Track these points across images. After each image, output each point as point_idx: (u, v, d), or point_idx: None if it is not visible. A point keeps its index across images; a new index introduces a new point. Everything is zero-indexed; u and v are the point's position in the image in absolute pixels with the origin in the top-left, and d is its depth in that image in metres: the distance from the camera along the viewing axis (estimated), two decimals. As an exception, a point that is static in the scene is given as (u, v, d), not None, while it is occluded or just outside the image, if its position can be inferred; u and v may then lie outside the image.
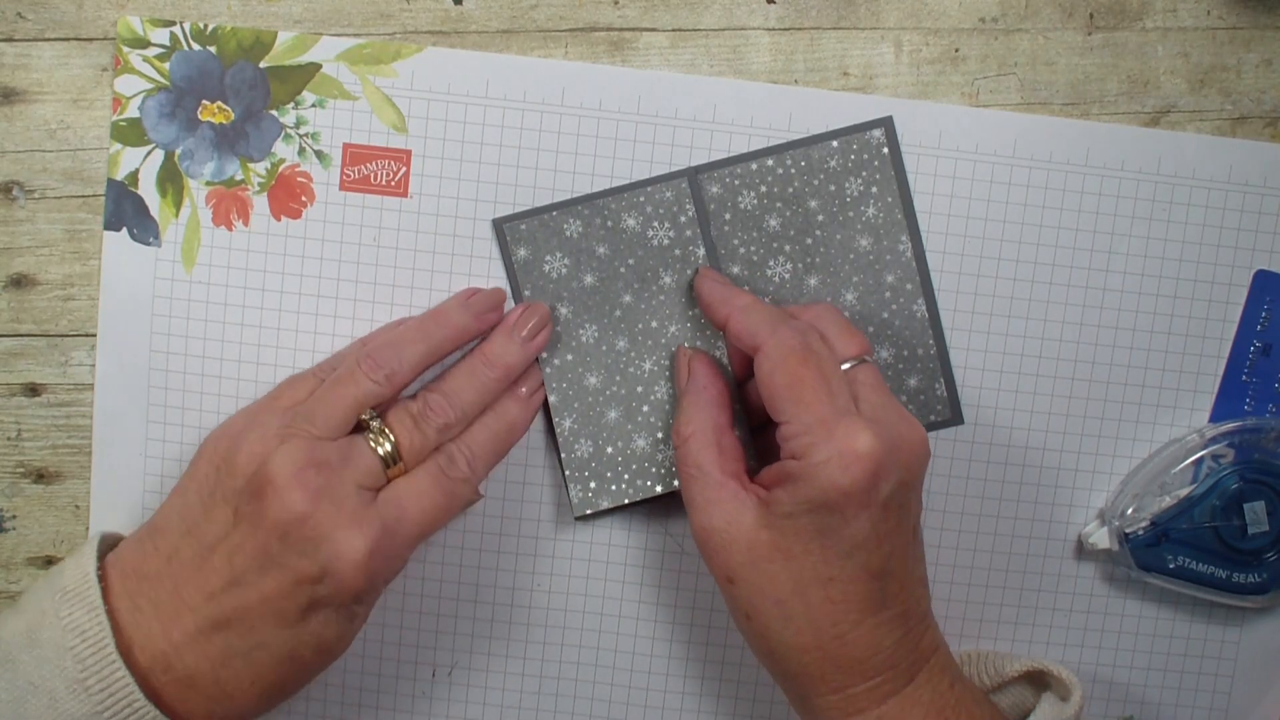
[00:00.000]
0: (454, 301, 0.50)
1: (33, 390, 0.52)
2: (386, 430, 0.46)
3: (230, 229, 0.51)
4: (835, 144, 0.51)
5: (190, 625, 0.44)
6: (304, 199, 0.51)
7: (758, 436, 0.51)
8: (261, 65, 0.50)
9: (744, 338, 0.47)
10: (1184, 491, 0.51)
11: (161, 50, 0.50)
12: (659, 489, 0.52)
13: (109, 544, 0.48)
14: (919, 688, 0.45)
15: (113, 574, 0.46)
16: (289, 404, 0.47)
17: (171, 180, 0.51)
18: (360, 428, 0.47)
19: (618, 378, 0.52)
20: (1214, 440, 0.51)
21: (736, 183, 0.51)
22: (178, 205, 0.51)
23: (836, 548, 0.44)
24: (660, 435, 0.52)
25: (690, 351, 0.51)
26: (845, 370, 0.46)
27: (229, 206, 0.51)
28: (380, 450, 0.46)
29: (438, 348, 0.48)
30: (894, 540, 0.44)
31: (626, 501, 0.52)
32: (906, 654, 0.45)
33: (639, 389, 0.52)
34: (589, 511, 0.52)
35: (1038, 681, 0.52)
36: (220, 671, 0.45)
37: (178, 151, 0.51)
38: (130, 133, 0.51)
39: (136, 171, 0.51)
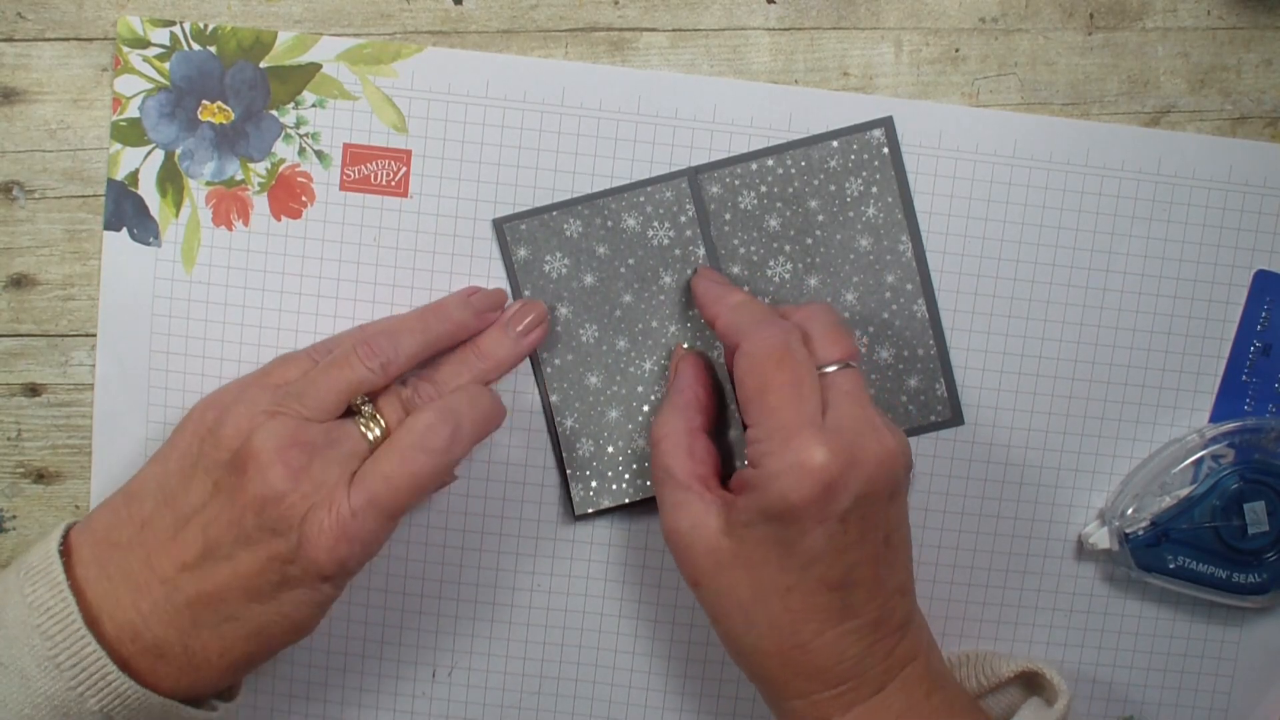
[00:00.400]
0: (455, 298, 0.50)
1: (33, 390, 0.52)
2: (378, 415, 0.46)
3: (230, 229, 0.51)
4: (835, 144, 0.51)
5: (160, 596, 0.44)
6: (304, 199, 0.51)
7: None
8: (261, 65, 0.50)
9: (728, 336, 0.47)
10: (1184, 491, 0.51)
11: (161, 50, 0.50)
12: (659, 489, 0.52)
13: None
14: (890, 696, 0.45)
15: (81, 542, 0.46)
16: (280, 381, 0.47)
17: (171, 180, 0.51)
18: (350, 412, 0.47)
19: (618, 377, 0.52)
20: (1214, 440, 0.51)
21: (736, 183, 0.51)
22: (178, 205, 0.51)
23: (793, 559, 0.44)
24: (660, 435, 0.52)
25: (682, 352, 0.51)
26: (824, 375, 0.45)
27: (229, 206, 0.51)
28: (370, 435, 0.46)
29: (435, 341, 0.48)
30: (856, 552, 0.44)
31: (627, 501, 0.52)
32: (876, 663, 0.45)
33: (639, 389, 0.52)
34: (590, 510, 0.52)
35: (1032, 683, 0.52)
36: (188, 642, 0.44)
37: (178, 151, 0.51)
38: (130, 133, 0.51)
39: (136, 171, 0.51)
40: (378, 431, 0.46)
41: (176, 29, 0.50)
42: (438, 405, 0.46)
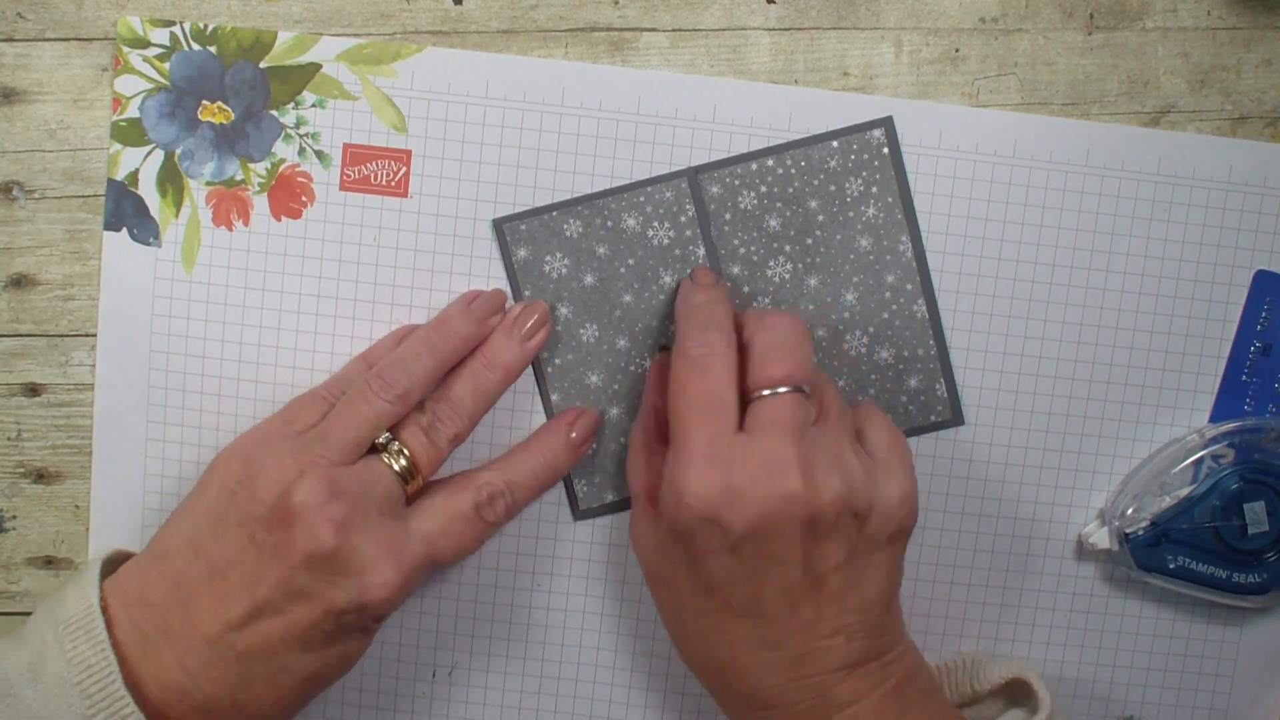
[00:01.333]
0: (456, 309, 0.49)
1: (33, 390, 0.52)
2: (403, 450, 0.47)
3: (230, 229, 0.51)
4: (835, 144, 0.51)
5: (208, 654, 0.44)
6: (304, 199, 0.51)
7: None
8: (261, 65, 0.50)
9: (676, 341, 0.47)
10: (1184, 491, 0.51)
11: (161, 50, 0.50)
12: (659, 489, 0.52)
13: (110, 567, 0.47)
14: None
15: (115, 603, 0.45)
16: (302, 427, 0.47)
17: (171, 180, 0.51)
18: (374, 448, 0.47)
19: (619, 376, 0.52)
20: (1214, 440, 0.51)
21: (736, 183, 0.51)
22: (178, 205, 0.51)
23: (698, 581, 0.44)
24: (660, 435, 0.52)
25: (656, 357, 0.51)
26: (755, 399, 0.44)
27: (229, 206, 0.51)
28: (396, 466, 0.46)
29: (445, 360, 0.48)
30: (759, 585, 0.43)
31: (629, 496, 0.52)
32: (803, 698, 0.44)
33: (640, 387, 0.52)
34: (593, 506, 0.52)
35: (1021, 692, 0.51)
36: (239, 696, 0.44)
37: (178, 151, 0.51)
38: (130, 133, 0.51)
39: (136, 171, 0.51)
40: (404, 463, 0.46)
41: (176, 29, 0.50)
42: (504, 479, 0.48)
